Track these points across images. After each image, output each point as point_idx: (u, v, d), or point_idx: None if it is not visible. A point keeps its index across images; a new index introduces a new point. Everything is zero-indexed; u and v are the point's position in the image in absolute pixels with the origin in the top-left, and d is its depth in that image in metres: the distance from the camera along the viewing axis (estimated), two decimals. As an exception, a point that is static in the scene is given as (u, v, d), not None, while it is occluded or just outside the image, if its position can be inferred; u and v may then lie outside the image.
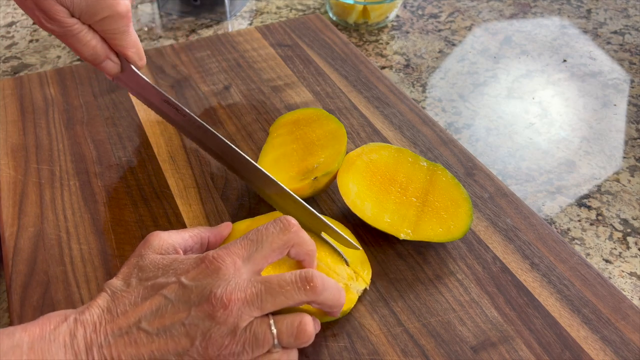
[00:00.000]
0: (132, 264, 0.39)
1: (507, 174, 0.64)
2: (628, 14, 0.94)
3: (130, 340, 0.34)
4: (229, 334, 0.34)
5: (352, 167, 0.50)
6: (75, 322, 0.35)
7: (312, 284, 0.36)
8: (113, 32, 0.48)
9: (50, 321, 0.35)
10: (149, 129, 0.61)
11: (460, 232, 0.47)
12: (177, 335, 0.34)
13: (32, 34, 0.88)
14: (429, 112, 0.73)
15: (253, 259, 0.37)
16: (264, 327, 0.35)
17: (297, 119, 0.56)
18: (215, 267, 0.36)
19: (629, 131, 0.70)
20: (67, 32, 0.47)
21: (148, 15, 0.93)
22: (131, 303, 0.36)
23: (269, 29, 0.78)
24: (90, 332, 0.35)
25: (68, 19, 0.46)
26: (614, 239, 0.57)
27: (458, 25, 0.91)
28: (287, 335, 0.36)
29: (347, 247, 0.46)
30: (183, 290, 0.36)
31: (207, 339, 0.34)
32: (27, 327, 0.34)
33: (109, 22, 0.47)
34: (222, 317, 0.34)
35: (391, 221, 0.48)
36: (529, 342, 0.42)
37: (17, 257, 0.48)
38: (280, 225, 0.39)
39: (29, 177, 0.56)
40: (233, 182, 0.55)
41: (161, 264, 0.38)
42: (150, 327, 0.35)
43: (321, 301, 0.37)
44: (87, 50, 0.48)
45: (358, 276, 0.45)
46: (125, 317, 0.35)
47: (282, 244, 0.38)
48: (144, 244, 0.41)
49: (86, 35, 0.48)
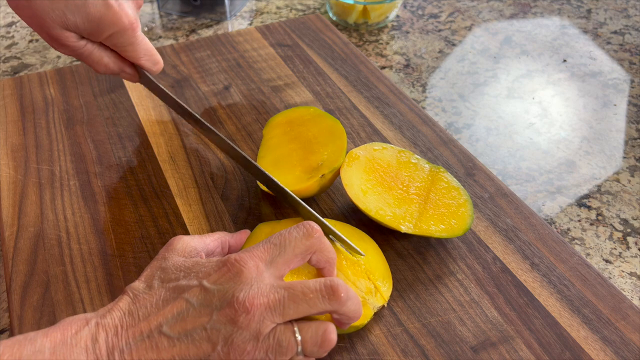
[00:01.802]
0: (154, 267, 0.39)
1: (507, 174, 0.64)
2: (628, 14, 0.93)
3: (151, 344, 0.34)
4: (252, 340, 0.34)
5: (355, 162, 0.51)
6: (97, 326, 0.35)
7: (337, 294, 0.36)
8: (122, 45, 0.50)
9: (72, 325, 0.35)
10: (149, 129, 0.61)
11: (461, 229, 0.47)
12: (198, 340, 0.34)
13: (32, 34, 0.88)
14: (429, 112, 0.73)
15: (275, 263, 0.37)
16: (288, 334, 0.35)
17: (290, 119, 0.56)
18: (237, 270, 0.36)
19: (629, 131, 0.70)
20: (80, 54, 0.50)
21: (148, 15, 0.93)
22: (152, 306, 0.36)
23: (269, 29, 0.78)
24: (112, 336, 0.34)
25: (78, 42, 0.48)
26: (614, 239, 0.57)
27: (458, 25, 0.91)
28: (311, 343, 0.35)
29: (350, 253, 0.45)
30: (205, 293, 0.35)
31: (229, 344, 0.34)
32: (49, 332, 0.34)
33: (117, 37, 0.49)
34: (244, 322, 0.34)
35: (393, 215, 0.48)
36: (529, 342, 0.42)
37: (17, 257, 0.48)
38: (304, 230, 0.38)
39: (29, 177, 0.56)
40: (233, 182, 0.55)
41: (183, 266, 0.38)
42: (171, 332, 0.34)
43: (343, 312, 0.37)
44: (101, 67, 0.51)
45: (377, 291, 0.44)
46: (147, 322, 0.35)
47: (305, 249, 0.38)
48: (167, 247, 0.40)
49: (98, 54, 0.50)
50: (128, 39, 0.49)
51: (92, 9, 0.46)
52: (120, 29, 0.48)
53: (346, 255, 0.45)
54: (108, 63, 0.51)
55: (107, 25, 0.47)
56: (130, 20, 0.49)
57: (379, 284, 0.44)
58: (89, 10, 0.46)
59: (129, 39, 0.49)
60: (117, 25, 0.48)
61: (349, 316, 0.37)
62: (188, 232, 0.51)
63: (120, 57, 0.52)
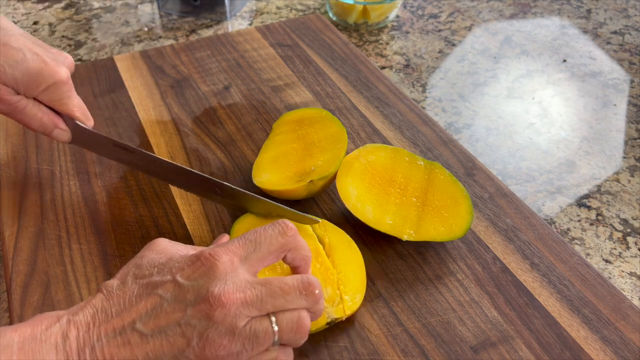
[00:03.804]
0: (131, 264, 0.39)
1: (507, 174, 0.64)
2: (628, 14, 0.94)
3: (124, 341, 0.34)
4: (227, 334, 0.34)
5: (350, 170, 0.50)
6: (68, 323, 0.35)
7: (312, 290, 0.36)
8: (59, 98, 0.51)
9: (42, 321, 0.35)
10: (149, 129, 0.61)
11: (461, 230, 0.47)
12: (172, 335, 0.34)
13: (32, 34, 0.88)
14: (429, 112, 0.73)
15: (250, 259, 0.37)
16: (265, 324, 0.35)
17: (301, 118, 0.56)
18: (210, 264, 0.35)
19: (629, 131, 0.70)
20: (14, 109, 0.50)
21: (148, 15, 0.93)
22: (125, 302, 0.35)
23: (269, 29, 0.78)
24: (83, 333, 0.34)
25: (13, 97, 0.49)
26: (613, 239, 0.57)
27: (458, 25, 0.91)
28: (287, 331, 0.36)
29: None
30: (179, 289, 0.35)
31: (203, 340, 0.34)
32: (19, 327, 0.34)
33: (53, 90, 0.50)
34: (219, 316, 0.34)
35: (393, 223, 0.48)
36: (529, 342, 0.42)
37: (17, 257, 0.48)
38: (279, 228, 0.38)
39: (29, 177, 0.56)
40: (233, 182, 0.55)
41: (157, 262, 0.38)
42: (145, 328, 0.34)
43: (315, 310, 0.37)
44: (35, 122, 0.51)
45: (340, 303, 0.43)
46: (120, 318, 0.35)
47: (280, 247, 0.38)
48: (147, 246, 0.40)
49: (32, 109, 0.50)
50: (65, 92, 0.51)
51: (31, 63, 0.48)
52: (57, 80, 0.49)
53: (323, 260, 0.45)
54: (42, 118, 0.51)
55: (45, 78, 0.49)
56: (67, 74, 0.50)
57: (345, 297, 0.43)
58: (28, 64, 0.48)
59: (65, 92, 0.51)
60: (54, 78, 0.49)
61: (317, 314, 0.38)
62: (188, 232, 0.51)
63: (54, 113, 0.52)
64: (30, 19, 0.92)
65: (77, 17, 0.93)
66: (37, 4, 0.96)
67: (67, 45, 0.86)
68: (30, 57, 0.48)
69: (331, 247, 0.46)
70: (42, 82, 0.49)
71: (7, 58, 0.47)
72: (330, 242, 0.46)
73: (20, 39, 0.49)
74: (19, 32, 0.50)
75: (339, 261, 0.45)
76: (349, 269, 0.45)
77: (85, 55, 0.84)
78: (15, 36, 0.49)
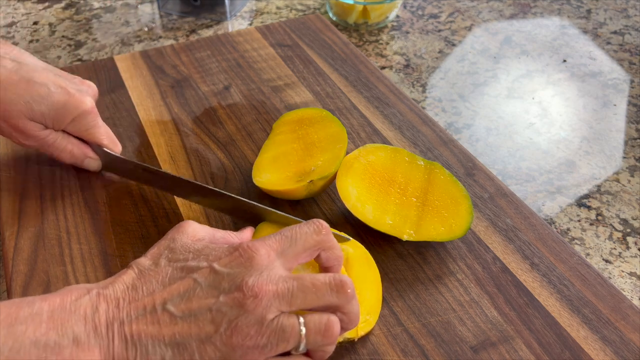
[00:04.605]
0: (162, 246, 0.39)
1: (507, 174, 0.65)
2: (628, 14, 0.94)
3: (153, 319, 0.34)
4: (256, 324, 0.34)
5: (350, 170, 0.50)
6: (98, 295, 0.35)
7: (345, 288, 0.36)
8: (85, 128, 0.52)
9: (72, 292, 0.35)
10: (149, 129, 0.61)
11: (462, 230, 0.47)
12: (202, 320, 0.34)
13: (32, 34, 0.88)
14: (429, 112, 0.73)
15: (286, 254, 0.38)
16: (292, 320, 0.35)
17: (301, 118, 0.56)
18: (249, 256, 0.36)
19: (629, 131, 0.70)
20: (44, 144, 0.51)
21: (148, 15, 0.93)
22: (158, 282, 0.36)
23: (269, 29, 0.78)
24: (113, 307, 0.35)
25: (42, 132, 0.50)
26: (613, 239, 0.57)
27: (458, 26, 0.91)
28: (314, 332, 0.35)
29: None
30: (214, 275, 0.36)
31: (232, 327, 0.34)
32: (48, 297, 0.34)
33: (79, 121, 0.51)
34: (250, 305, 0.34)
35: (393, 223, 0.48)
36: (529, 342, 0.42)
37: (17, 257, 0.48)
38: (314, 226, 0.39)
39: (29, 177, 0.56)
40: (233, 182, 0.55)
41: (193, 248, 0.38)
42: (176, 310, 0.35)
43: (348, 310, 0.37)
44: (66, 155, 0.53)
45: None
46: (151, 297, 0.35)
47: (314, 244, 0.39)
48: (177, 228, 0.41)
49: (62, 142, 0.52)
50: (90, 121, 0.52)
51: (56, 97, 0.49)
52: (82, 111, 0.50)
53: None
54: (72, 150, 0.52)
55: (71, 110, 0.50)
56: (91, 104, 0.51)
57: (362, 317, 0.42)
58: (54, 98, 0.49)
59: (91, 121, 0.52)
60: (79, 109, 0.50)
61: (351, 318, 0.37)
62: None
63: (83, 143, 0.53)
64: (30, 19, 0.92)
65: (77, 17, 0.93)
66: (37, 4, 0.96)
67: (67, 45, 0.86)
68: (54, 91, 0.49)
69: (349, 262, 0.45)
70: (68, 114, 0.50)
71: (32, 94, 0.48)
72: (349, 257, 0.45)
73: (44, 73, 0.50)
74: (41, 66, 0.51)
75: (356, 279, 0.44)
76: (365, 287, 0.44)
77: (85, 55, 0.84)
78: (38, 71, 0.50)
